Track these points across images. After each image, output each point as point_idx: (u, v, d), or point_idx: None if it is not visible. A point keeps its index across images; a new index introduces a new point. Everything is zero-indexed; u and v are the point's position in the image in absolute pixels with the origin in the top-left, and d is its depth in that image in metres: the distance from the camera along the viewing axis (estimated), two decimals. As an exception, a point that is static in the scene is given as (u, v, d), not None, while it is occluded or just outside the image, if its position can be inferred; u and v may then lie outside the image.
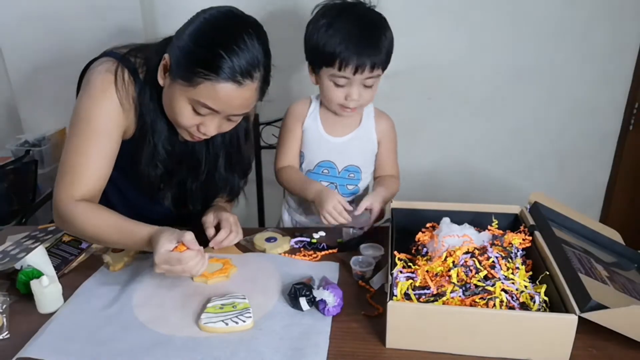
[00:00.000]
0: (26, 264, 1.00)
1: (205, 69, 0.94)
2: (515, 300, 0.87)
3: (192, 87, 0.97)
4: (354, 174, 1.38)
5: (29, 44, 1.88)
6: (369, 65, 1.18)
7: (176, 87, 0.99)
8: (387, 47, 1.22)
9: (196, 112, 1.01)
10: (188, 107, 1.00)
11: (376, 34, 1.20)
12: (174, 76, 1.00)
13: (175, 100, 1.01)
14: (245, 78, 0.96)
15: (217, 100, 0.97)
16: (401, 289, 0.88)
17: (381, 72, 1.23)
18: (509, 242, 0.99)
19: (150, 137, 1.10)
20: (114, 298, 0.99)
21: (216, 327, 0.88)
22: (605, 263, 1.05)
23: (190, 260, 0.93)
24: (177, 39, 1.00)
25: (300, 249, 1.15)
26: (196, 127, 1.04)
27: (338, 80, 1.22)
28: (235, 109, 1.01)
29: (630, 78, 1.96)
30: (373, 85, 1.24)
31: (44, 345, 0.86)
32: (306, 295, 0.93)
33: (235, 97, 0.98)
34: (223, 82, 0.95)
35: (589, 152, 2.08)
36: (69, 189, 1.05)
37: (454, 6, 1.87)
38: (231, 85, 0.96)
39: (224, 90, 0.96)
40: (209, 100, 0.98)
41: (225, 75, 0.95)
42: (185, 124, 1.03)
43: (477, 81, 1.98)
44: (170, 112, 1.05)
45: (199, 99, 0.98)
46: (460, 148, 2.09)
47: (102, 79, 1.06)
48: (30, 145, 1.92)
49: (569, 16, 1.87)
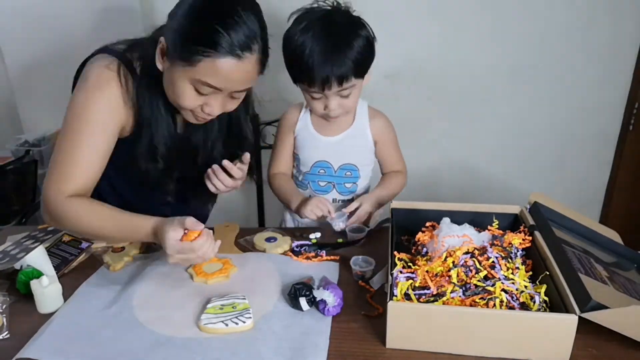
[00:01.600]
0: (26, 264, 1.00)
1: (203, 45, 0.93)
2: (515, 300, 0.87)
3: (192, 66, 0.95)
4: (351, 172, 1.38)
5: (29, 44, 1.88)
6: (336, 80, 1.18)
7: (176, 68, 0.98)
8: (356, 56, 1.18)
9: (198, 92, 1.00)
10: (190, 87, 0.99)
11: (341, 45, 1.18)
12: (172, 58, 0.98)
13: (176, 82, 0.99)
14: (244, 51, 0.95)
15: (219, 76, 0.96)
16: (401, 289, 0.88)
17: (356, 80, 1.22)
18: (509, 242, 0.99)
19: (148, 131, 1.09)
20: (114, 298, 0.99)
21: (216, 327, 0.88)
22: (605, 263, 1.05)
23: (203, 246, 0.95)
24: (171, 20, 0.99)
25: (302, 251, 1.14)
26: (200, 107, 1.03)
27: (313, 94, 1.24)
28: (238, 84, 1.00)
29: (630, 78, 1.96)
30: (351, 94, 1.24)
31: (43, 345, 0.86)
32: (306, 295, 0.92)
33: (237, 72, 0.97)
34: (223, 57, 0.94)
35: (589, 152, 2.08)
36: (58, 184, 1.03)
37: (454, 7, 1.87)
38: (231, 59, 0.95)
39: (224, 66, 0.95)
40: (210, 78, 0.96)
41: (225, 50, 0.94)
42: (188, 105, 1.02)
43: (477, 81, 1.98)
44: (172, 95, 1.03)
45: (200, 78, 0.97)
46: (460, 148, 2.10)
47: (99, 75, 1.05)
48: (30, 145, 1.93)
49: (569, 16, 1.87)
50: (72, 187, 1.03)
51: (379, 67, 1.94)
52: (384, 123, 1.38)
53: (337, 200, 1.40)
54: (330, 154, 1.37)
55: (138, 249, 1.16)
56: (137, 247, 1.16)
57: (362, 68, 1.22)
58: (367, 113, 1.37)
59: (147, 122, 1.09)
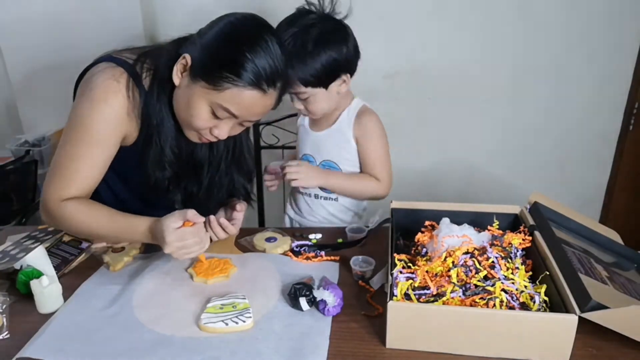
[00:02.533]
0: (26, 264, 1.00)
1: (234, 74, 0.95)
2: (515, 300, 0.87)
3: (217, 91, 0.96)
4: (330, 169, 1.36)
5: (29, 44, 1.88)
6: None
7: (197, 88, 0.98)
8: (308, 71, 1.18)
9: (214, 115, 1.01)
10: (207, 109, 1.00)
11: (297, 53, 1.16)
12: (195, 78, 0.99)
13: (194, 102, 1.00)
14: (270, 86, 0.98)
15: (241, 106, 0.98)
16: (401, 289, 0.88)
17: (305, 88, 1.21)
18: (509, 242, 0.99)
19: (157, 139, 1.08)
20: (114, 298, 0.99)
21: (216, 327, 0.88)
22: (605, 263, 1.05)
23: (201, 231, 0.97)
24: (200, 38, 1.00)
25: (302, 251, 1.14)
26: (209, 129, 1.04)
27: None
28: (255, 115, 1.03)
29: (630, 78, 1.96)
30: (310, 98, 1.24)
31: (44, 345, 0.86)
32: (306, 295, 0.93)
33: (258, 105, 1.00)
34: (250, 89, 0.96)
35: (589, 152, 2.08)
36: (56, 189, 1.04)
37: (455, 7, 1.87)
38: (257, 92, 0.97)
39: (249, 97, 0.97)
40: (233, 106, 0.98)
41: (252, 82, 0.95)
42: (199, 126, 1.02)
43: (477, 81, 1.98)
44: (184, 112, 1.03)
45: (222, 104, 0.98)
46: (460, 148, 2.10)
47: (107, 86, 1.03)
48: (30, 145, 1.93)
49: (569, 16, 1.87)
50: (71, 193, 1.05)
51: (379, 67, 1.96)
52: (369, 123, 1.32)
53: (318, 196, 1.40)
54: (314, 148, 1.38)
55: (138, 249, 1.16)
56: (137, 247, 1.16)
57: (313, 81, 1.21)
58: (355, 112, 1.33)
59: (156, 131, 1.08)
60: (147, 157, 1.09)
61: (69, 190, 1.05)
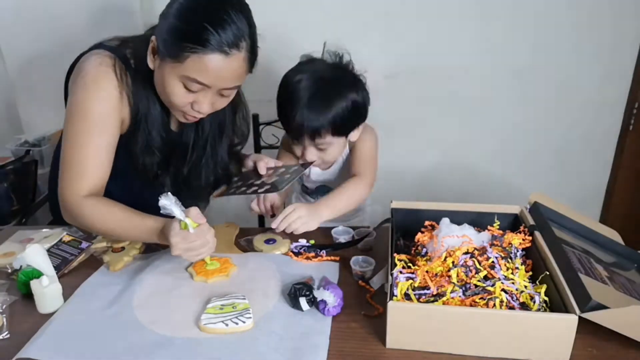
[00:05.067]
0: (26, 263, 1.00)
1: (191, 42, 0.96)
2: (515, 300, 0.87)
3: (180, 62, 0.98)
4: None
5: (29, 44, 1.88)
6: (308, 135, 1.20)
7: (166, 66, 1.01)
8: (333, 116, 1.18)
9: (188, 90, 1.02)
10: (179, 84, 1.01)
11: (322, 103, 1.18)
12: (162, 56, 1.01)
13: (166, 80, 1.02)
14: (232, 48, 0.98)
15: (206, 73, 0.98)
16: (401, 289, 0.88)
17: (332, 139, 1.22)
18: (509, 242, 0.99)
19: (145, 124, 1.11)
20: (114, 298, 0.99)
21: (216, 327, 0.88)
22: (605, 263, 1.05)
23: (206, 231, 0.97)
24: (163, 20, 1.02)
25: (302, 251, 1.14)
26: (190, 105, 1.05)
27: (292, 139, 1.27)
28: (226, 81, 1.02)
29: (630, 77, 1.96)
30: (329, 148, 1.24)
31: (44, 345, 0.86)
32: (306, 295, 0.92)
33: (224, 69, 0.99)
34: (210, 53, 0.96)
35: (589, 152, 2.08)
36: (74, 186, 1.06)
37: (455, 7, 1.87)
38: (218, 56, 0.97)
39: (212, 62, 0.97)
40: (198, 74, 0.99)
41: (212, 47, 0.96)
42: (178, 103, 1.04)
43: (477, 81, 1.98)
44: (162, 93, 1.06)
45: (188, 74, 0.99)
46: (460, 148, 2.09)
47: (97, 71, 1.06)
48: (30, 145, 1.93)
49: (569, 16, 1.87)
50: (86, 186, 1.06)
51: (379, 67, 1.96)
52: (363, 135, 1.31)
53: None
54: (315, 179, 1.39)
55: (138, 249, 1.16)
56: (137, 247, 1.16)
57: (341, 129, 1.22)
58: None
59: (144, 116, 1.11)
60: (135, 142, 1.12)
61: (83, 183, 1.06)
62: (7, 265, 1.09)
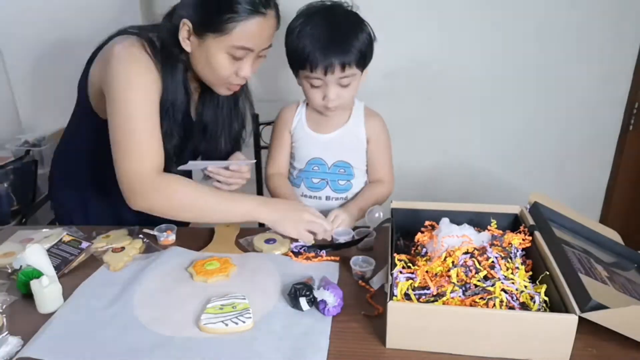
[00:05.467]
0: (26, 263, 1.00)
1: (232, 12, 1.01)
2: (515, 300, 0.87)
3: (227, 33, 1.03)
4: (344, 169, 1.39)
5: (29, 44, 1.88)
6: (339, 65, 1.20)
7: (209, 42, 1.06)
8: (360, 46, 1.22)
9: (233, 58, 1.08)
10: (225, 56, 1.07)
11: (346, 33, 1.21)
12: (202, 34, 1.05)
13: (212, 56, 1.07)
14: (266, 8, 1.06)
15: (252, 37, 1.06)
16: (401, 289, 0.88)
17: (356, 70, 1.24)
18: (509, 242, 0.99)
19: (172, 110, 1.14)
20: (114, 298, 0.99)
21: (216, 327, 0.88)
22: (605, 263, 1.05)
23: None
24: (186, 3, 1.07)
25: (301, 251, 1.14)
26: (234, 74, 1.11)
27: (313, 81, 1.25)
28: (266, 40, 1.10)
29: (630, 78, 1.97)
30: (351, 84, 1.25)
31: (44, 345, 0.86)
32: (306, 295, 0.92)
33: (264, 29, 1.07)
34: (252, 18, 1.04)
35: (589, 152, 2.08)
36: (139, 163, 1.07)
37: (455, 6, 1.87)
38: (259, 18, 1.05)
39: (255, 26, 1.05)
40: (246, 40, 1.05)
41: (252, 11, 1.03)
42: (224, 75, 1.10)
43: (477, 81, 1.98)
44: (208, 71, 1.11)
45: (237, 43, 1.05)
46: (460, 148, 2.10)
47: (130, 50, 1.08)
48: (30, 145, 1.93)
49: (569, 16, 1.87)
50: (152, 164, 1.08)
51: (379, 67, 1.94)
52: (379, 123, 1.39)
53: (330, 197, 1.40)
54: (323, 151, 1.38)
55: (138, 249, 1.16)
56: (137, 247, 1.16)
57: (364, 59, 1.25)
58: (363, 112, 1.38)
59: (171, 102, 1.14)
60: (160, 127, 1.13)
61: (148, 161, 1.08)
62: (7, 265, 1.08)
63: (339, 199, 1.41)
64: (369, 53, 1.26)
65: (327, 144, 1.37)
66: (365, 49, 1.24)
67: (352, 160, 1.38)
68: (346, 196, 1.41)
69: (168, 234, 1.18)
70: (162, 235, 1.18)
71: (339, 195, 1.41)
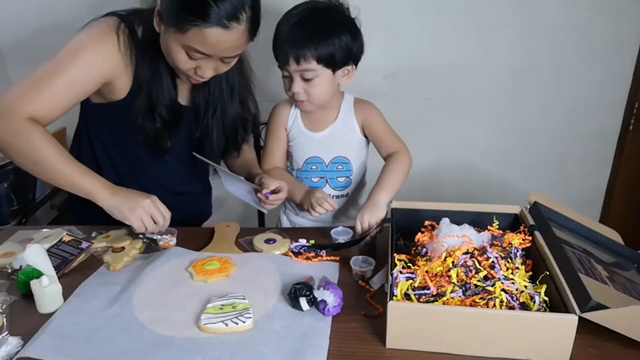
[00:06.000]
0: (26, 263, 1.00)
1: (192, 14, 0.99)
2: (515, 300, 0.87)
3: (182, 33, 1.02)
4: (343, 166, 1.39)
5: (29, 44, 1.88)
6: (293, 58, 1.21)
7: (169, 34, 1.06)
8: (327, 46, 1.20)
9: (190, 57, 1.06)
10: (182, 52, 1.06)
11: (312, 30, 1.20)
12: (166, 24, 1.06)
13: (170, 47, 1.07)
14: (231, 21, 1.01)
15: (207, 44, 1.03)
16: (401, 289, 0.88)
17: (317, 66, 1.22)
18: (509, 242, 0.99)
19: (145, 88, 1.15)
20: (114, 298, 0.99)
21: (216, 327, 0.88)
22: (605, 263, 1.05)
23: None
24: None
25: (302, 251, 1.14)
26: (193, 70, 1.10)
27: (283, 72, 1.27)
28: (226, 51, 1.07)
29: (630, 78, 1.97)
30: (315, 81, 1.24)
31: (44, 345, 0.86)
32: (306, 295, 0.92)
33: (224, 41, 1.03)
34: (210, 27, 1.00)
35: (589, 152, 2.08)
36: (21, 100, 1.04)
37: (454, 6, 1.87)
38: (218, 29, 1.01)
39: (212, 35, 1.01)
40: (199, 45, 1.03)
41: (212, 21, 0.99)
42: (182, 68, 1.10)
43: (477, 81, 1.98)
44: (168, 58, 1.11)
45: (190, 44, 1.04)
46: (460, 148, 2.09)
47: (102, 28, 1.10)
48: (30, 145, 1.92)
49: (569, 16, 1.87)
50: (34, 110, 1.05)
51: (379, 67, 1.96)
52: (367, 105, 1.38)
53: (330, 195, 1.39)
54: (320, 149, 1.38)
55: (138, 249, 1.16)
56: (137, 247, 1.16)
57: (327, 59, 1.22)
58: (352, 105, 1.38)
59: (145, 82, 1.14)
60: (135, 107, 1.15)
61: (34, 104, 1.05)
62: (7, 265, 1.09)
63: (339, 196, 1.41)
64: (342, 55, 1.23)
65: (322, 141, 1.37)
66: (328, 48, 1.21)
67: (349, 155, 1.38)
68: (347, 192, 1.41)
69: (169, 237, 1.18)
70: (163, 238, 1.17)
71: (339, 192, 1.41)
